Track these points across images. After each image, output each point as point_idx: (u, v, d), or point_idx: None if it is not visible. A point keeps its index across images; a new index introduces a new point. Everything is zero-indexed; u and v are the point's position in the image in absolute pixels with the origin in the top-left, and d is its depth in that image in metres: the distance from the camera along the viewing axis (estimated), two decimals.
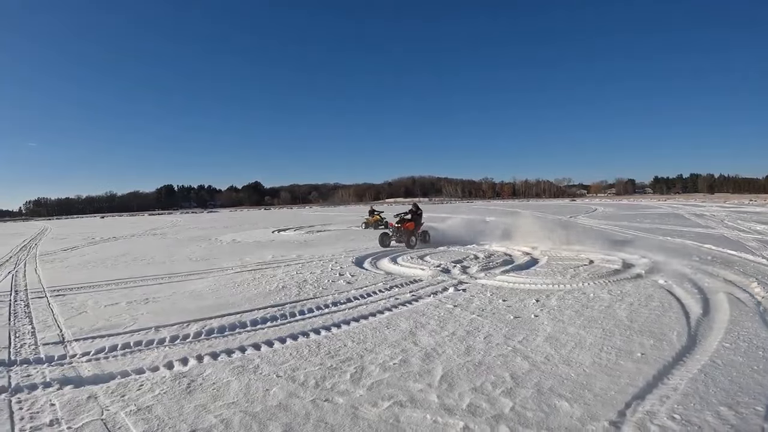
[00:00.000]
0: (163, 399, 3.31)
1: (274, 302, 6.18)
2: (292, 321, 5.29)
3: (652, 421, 2.75)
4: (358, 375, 3.60)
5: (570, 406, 2.97)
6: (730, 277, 6.90)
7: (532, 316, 5.15)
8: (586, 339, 4.32)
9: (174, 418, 3.00)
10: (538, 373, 3.53)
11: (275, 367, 3.84)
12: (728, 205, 36.27)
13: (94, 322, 5.52)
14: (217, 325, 5.17)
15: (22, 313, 6.30)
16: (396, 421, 2.83)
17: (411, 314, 5.45)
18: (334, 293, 6.69)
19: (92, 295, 7.41)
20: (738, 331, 4.43)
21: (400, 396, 3.19)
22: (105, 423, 2.99)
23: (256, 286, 7.38)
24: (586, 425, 2.73)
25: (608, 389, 3.21)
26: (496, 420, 2.82)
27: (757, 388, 3.17)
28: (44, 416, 3.12)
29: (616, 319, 4.93)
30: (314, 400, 3.17)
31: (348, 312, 5.62)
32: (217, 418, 2.98)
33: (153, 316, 5.70)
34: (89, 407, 3.23)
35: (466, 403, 3.06)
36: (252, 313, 5.62)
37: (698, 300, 5.63)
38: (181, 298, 6.78)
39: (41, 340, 4.94)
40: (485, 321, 5.05)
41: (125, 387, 3.58)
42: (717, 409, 2.89)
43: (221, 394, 3.35)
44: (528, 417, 2.85)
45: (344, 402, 3.12)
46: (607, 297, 5.94)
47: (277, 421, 2.88)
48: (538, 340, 4.31)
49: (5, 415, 3.16)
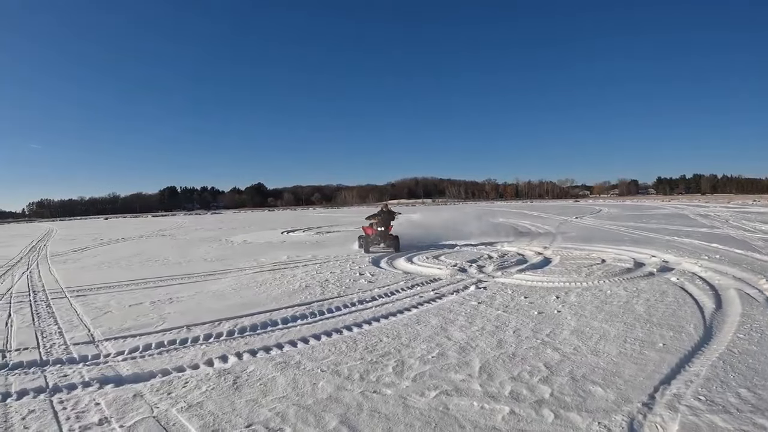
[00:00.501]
0: (212, 395, 3.36)
1: (300, 301, 6.34)
2: (322, 319, 5.46)
3: (680, 402, 2.98)
4: (399, 368, 3.78)
5: (604, 391, 3.19)
6: (740, 275, 7.10)
7: (555, 312, 5.35)
8: (609, 332, 4.53)
9: (228, 413, 3.06)
10: (570, 363, 3.74)
11: (317, 362, 3.99)
12: (732, 205, 36.51)
13: (122, 322, 5.61)
14: (248, 323, 5.29)
15: (45, 313, 6.39)
16: (445, 408, 3.02)
17: (438, 311, 5.63)
18: (357, 292, 6.87)
19: (113, 295, 7.53)
20: (750, 323, 4.65)
21: (444, 386, 3.38)
22: (158, 420, 3.02)
23: (278, 286, 7.54)
24: (622, 407, 2.96)
25: (636, 376, 3.44)
26: (538, 405, 3.03)
27: None
28: (91, 415, 3.14)
29: (635, 314, 5.14)
30: (363, 392, 3.34)
31: (376, 310, 5.79)
32: (272, 411, 3.06)
33: (181, 316, 5.81)
34: (137, 405, 3.26)
35: (508, 390, 3.26)
36: (281, 312, 5.77)
37: (710, 296, 5.85)
38: (206, 298, 6.92)
39: (70, 339, 4.98)
40: (511, 317, 5.24)
41: (170, 385, 3.60)
42: (737, 390, 3.13)
43: (270, 389, 3.43)
44: (567, 401, 3.06)
45: (392, 393, 3.30)
46: (624, 293, 6.15)
47: (332, 413, 3.02)
48: (565, 333, 4.52)
49: (49, 415, 3.18)
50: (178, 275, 9.33)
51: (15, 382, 3.82)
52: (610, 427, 2.71)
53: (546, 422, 2.80)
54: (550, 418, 2.83)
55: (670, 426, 2.70)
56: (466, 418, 2.89)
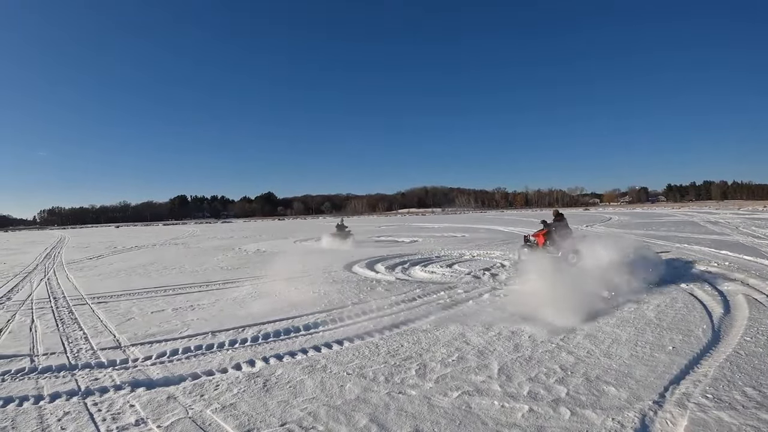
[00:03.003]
0: (244, 397, 3.53)
1: (320, 308, 6.55)
2: (342, 325, 5.66)
3: (689, 400, 3.18)
4: (422, 371, 3.99)
5: (617, 390, 3.39)
6: (748, 281, 7.25)
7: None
8: (621, 336, 4.72)
9: (261, 413, 3.23)
10: (584, 365, 3.94)
11: (342, 366, 4.19)
12: (742, 212, 36.37)
13: (146, 328, 5.80)
14: (272, 329, 5.49)
15: (68, 319, 6.56)
16: (468, 407, 3.23)
17: (456, 317, 5.83)
18: (376, 299, 7.08)
19: (134, 302, 7.73)
20: (757, 327, 4.83)
21: (466, 387, 3.59)
22: (194, 420, 3.15)
23: (297, 294, 7.74)
24: (634, 405, 3.16)
25: (647, 376, 3.64)
26: (555, 403, 3.23)
27: None
28: (127, 417, 3.25)
29: (645, 319, 5.32)
30: (389, 392, 3.55)
31: (395, 317, 5.98)
32: (303, 411, 3.24)
33: (204, 322, 6.00)
34: (172, 407, 3.37)
35: (526, 390, 3.46)
36: (302, 319, 5.98)
37: (719, 301, 6.01)
38: (227, 305, 7.13)
39: (97, 345, 5.14)
40: (525, 322, 5.41)
41: (201, 387, 3.77)
42: (743, 389, 3.32)
43: (299, 391, 3.61)
44: (582, 400, 3.27)
45: (417, 394, 3.51)
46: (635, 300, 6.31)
47: (361, 412, 3.22)
48: (578, 338, 4.71)
49: (85, 416, 3.29)
50: (196, 283, 9.60)
51: (46, 385, 3.99)
52: (623, 422, 2.91)
53: (563, 419, 3.00)
54: (567, 415, 3.04)
55: (679, 421, 2.90)
56: (488, 415, 3.10)
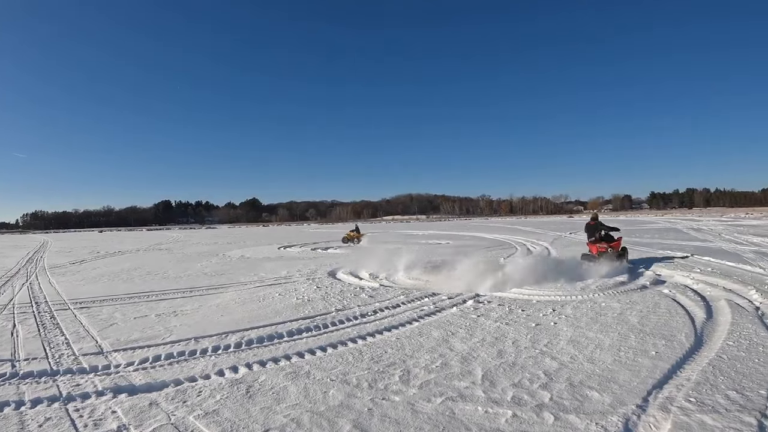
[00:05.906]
0: (226, 403, 3.47)
1: (304, 315, 6.48)
2: (326, 332, 5.59)
3: (671, 404, 3.19)
4: (405, 377, 3.95)
5: (600, 395, 3.39)
6: (730, 286, 7.37)
7: (551, 324, 5.55)
8: (604, 341, 4.74)
9: (244, 420, 3.17)
10: (567, 371, 3.94)
11: (326, 372, 4.14)
12: (725, 219, 37.21)
13: (128, 334, 5.71)
14: (255, 336, 5.42)
15: (50, 324, 6.45)
16: (452, 413, 3.20)
17: (439, 324, 5.81)
18: (359, 305, 7.04)
19: (117, 307, 7.63)
20: (739, 331, 4.89)
21: (449, 393, 3.55)
22: (176, 427, 3.10)
23: (280, 300, 7.68)
24: (617, 409, 3.16)
25: (630, 381, 3.65)
26: (539, 408, 3.21)
27: (759, 376, 3.64)
28: (109, 423, 3.21)
29: (629, 324, 5.36)
30: (373, 399, 3.50)
31: (378, 323, 5.94)
32: (287, 417, 3.19)
33: (187, 328, 5.92)
34: (154, 413, 3.33)
35: (510, 396, 3.44)
36: (286, 325, 5.91)
37: (701, 306, 6.09)
38: (210, 311, 7.03)
39: (79, 350, 5.05)
40: (509, 328, 5.43)
41: (184, 393, 3.69)
42: (726, 392, 3.35)
43: (282, 397, 3.55)
44: (566, 405, 3.26)
45: (401, 399, 3.46)
46: (618, 306, 6.37)
47: (345, 418, 3.17)
48: (562, 344, 4.72)
49: (66, 422, 3.24)
50: (180, 289, 9.46)
51: (27, 390, 3.90)
52: (607, 427, 2.91)
53: (547, 424, 2.98)
54: (551, 420, 3.02)
55: (662, 425, 2.90)
56: (472, 421, 3.06)
